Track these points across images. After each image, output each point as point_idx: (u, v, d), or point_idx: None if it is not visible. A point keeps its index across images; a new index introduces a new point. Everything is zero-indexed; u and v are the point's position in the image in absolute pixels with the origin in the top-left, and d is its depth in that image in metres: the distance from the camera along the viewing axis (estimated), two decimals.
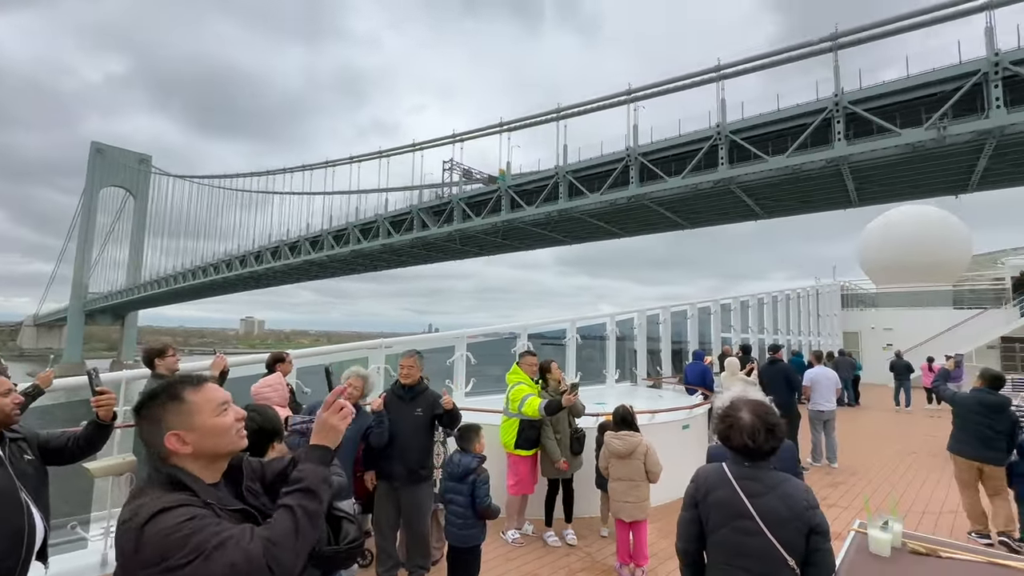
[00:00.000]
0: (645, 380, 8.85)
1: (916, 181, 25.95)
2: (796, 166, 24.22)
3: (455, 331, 7.06)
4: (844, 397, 13.01)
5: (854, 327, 20.94)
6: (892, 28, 23.01)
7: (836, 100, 23.02)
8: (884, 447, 8.61)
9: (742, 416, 1.69)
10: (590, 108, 34.36)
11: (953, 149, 21.40)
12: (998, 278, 19.88)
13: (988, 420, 4.60)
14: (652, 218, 35.26)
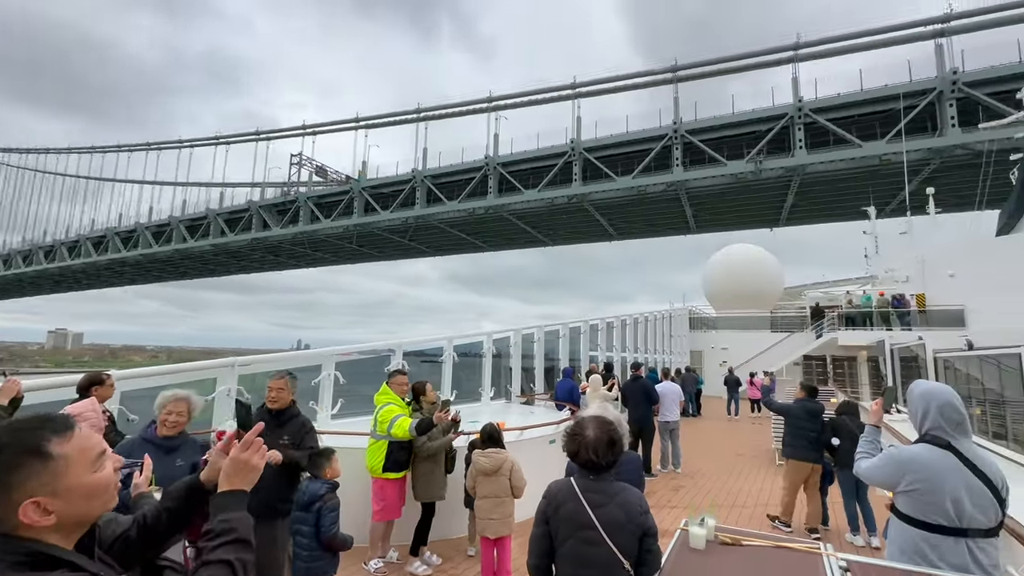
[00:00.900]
0: (519, 397, 9.13)
1: (740, 212, 30.28)
2: (641, 187, 26.27)
3: (323, 349, 6.63)
4: (688, 409, 14.76)
5: (699, 347, 23.98)
6: (722, 68, 26.47)
7: (675, 128, 25.64)
8: (719, 451, 9.93)
9: (587, 433, 1.84)
10: (451, 113, 33.15)
11: (768, 183, 25.17)
12: (801, 307, 24.34)
13: (812, 425, 5.56)
14: (512, 231, 34.78)
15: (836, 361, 20.54)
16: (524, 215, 31.20)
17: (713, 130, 25.90)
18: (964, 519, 2.05)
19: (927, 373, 8.15)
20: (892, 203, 26.62)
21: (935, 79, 22.27)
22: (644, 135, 26.82)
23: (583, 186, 27.63)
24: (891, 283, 18.98)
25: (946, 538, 2.07)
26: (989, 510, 2.06)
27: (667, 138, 26.09)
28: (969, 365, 6.53)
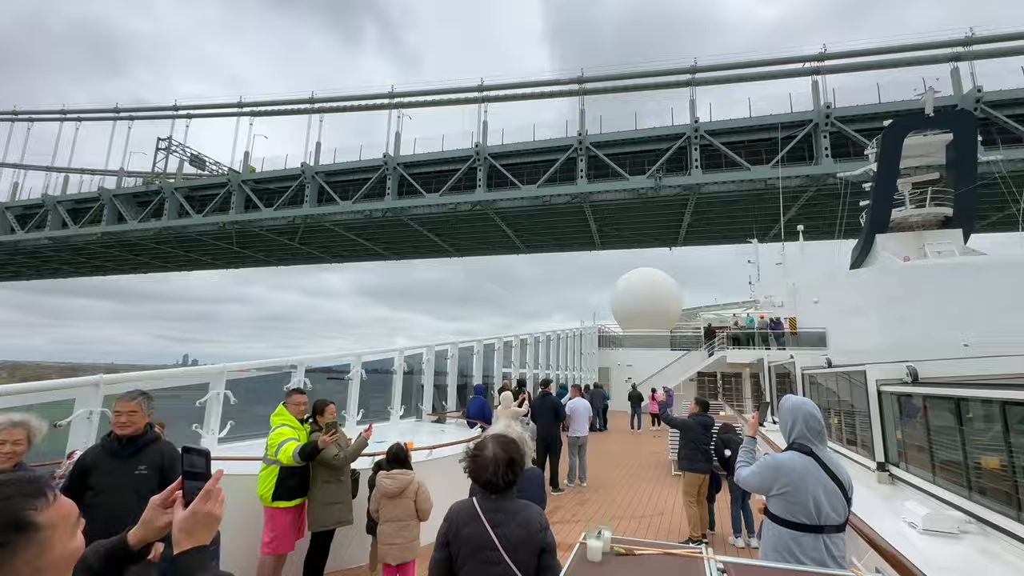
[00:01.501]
0: (430, 415, 8.93)
1: (642, 229, 31.70)
2: (546, 198, 26.32)
3: (213, 365, 6.01)
4: (596, 423, 15.35)
5: (607, 363, 25.15)
6: (627, 84, 27.29)
7: (580, 140, 26.08)
8: (622, 464, 10.40)
9: (487, 453, 1.84)
10: (349, 106, 30.51)
11: (667, 201, 26.30)
12: (697, 328, 26.53)
13: (706, 437, 5.98)
14: (415, 238, 33.08)
15: (725, 377, 22.55)
16: (426, 221, 29.79)
17: (617, 144, 26.49)
18: (822, 517, 2.32)
19: (797, 388, 9.19)
20: (775, 228, 28.92)
21: (811, 112, 24.68)
22: (550, 144, 26.77)
23: (487, 193, 26.90)
24: (770, 307, 21.39)
25: (807, 535, 2.33)
26: (840, 508, 2.36)
27: (572, 149, 26.27)
28: (828, 380, 7.47)
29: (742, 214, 28.47)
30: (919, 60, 24.59)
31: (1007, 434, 2.95)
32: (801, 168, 24.30)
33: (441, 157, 28.23)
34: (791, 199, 26.09)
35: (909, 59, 24.76)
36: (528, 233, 32.68)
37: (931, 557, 2.70)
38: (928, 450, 4.10)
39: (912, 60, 24.71)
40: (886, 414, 4.98)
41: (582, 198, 26.39)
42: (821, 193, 25.10)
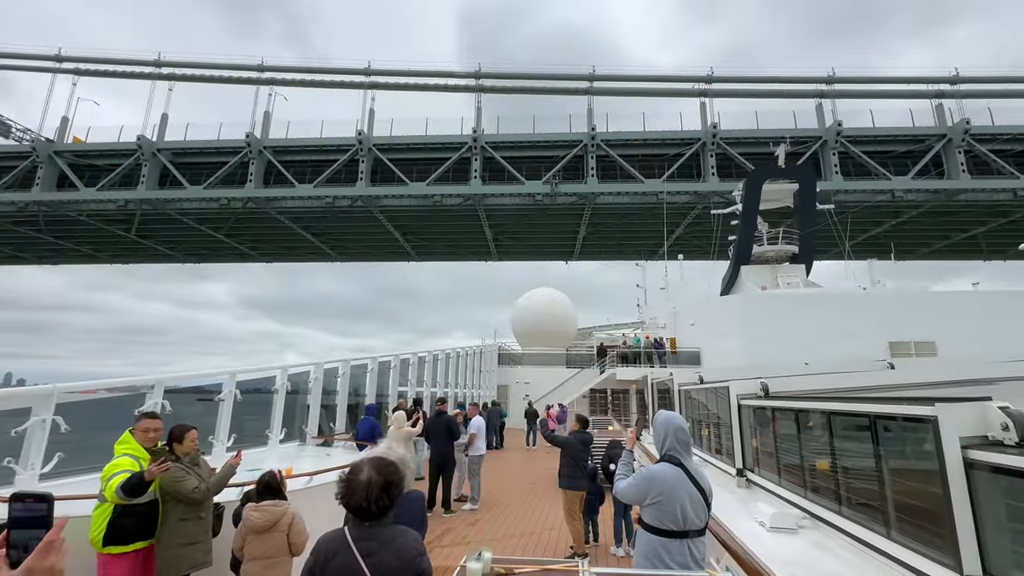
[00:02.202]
0: (315, 438, 8.28)
1: (538, 240, 31.80)
2: (436, 198, 24.50)
3: (40, 386, 5.02)
4: (493, 441, 15.36)
5: (505, 381, 25.43)
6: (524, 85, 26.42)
7: (475, 138, 24.59)
8: (516, 481, 10.47)
9: (361, 477, 1.72)
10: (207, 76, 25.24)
11: (563, 209, 26.10)
12: (591, 346, 27.94)
13: (586, 454, 6.18)
14: (288, 238, 29.63)
15: (615, 393, 23.93)
16: (299, 216, 26.11)
17: (514, 147, 25.33)
18: (687, 523, 2.50)
19: (675, 403, 9.99)
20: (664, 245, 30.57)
21: (700, 131, 25.54)
22: (443, 140, 25.04)
23: (370, 188, 24.26)
24: (654, 329, 23.26)
25: (674, 540, 2.49)
26: (702, 514, 2.56)
27: (467, 148, 24.58)
28: (701, 395, 8.23)
29: (636, 230, 29.24)
30: (790, 93, 26.60)
31: (832, 440, 3.44)
32: (689, 184, 25.26)
33: (318, 144, 24.75)
34: (680, 215, 27.33)
35: (783, 91, 26.76)
36: (419, 238, 30.64)
37: (775, 552, 3.04)
38: (776, 456, 4.66)
39: (785, 92, 26.68)
40: (744, 425, 5.59)
41: (476, 200, 24.84)
42: (707, 212, 25.92)
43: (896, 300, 19.85)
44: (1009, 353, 9.59)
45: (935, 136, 24.83)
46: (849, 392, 4.98)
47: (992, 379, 5.15)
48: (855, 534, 2.99)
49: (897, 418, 2.74)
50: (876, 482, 2.89)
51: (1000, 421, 2.15)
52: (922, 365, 12.30)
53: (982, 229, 28.26)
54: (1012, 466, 2.07)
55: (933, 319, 18.50)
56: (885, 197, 24.60)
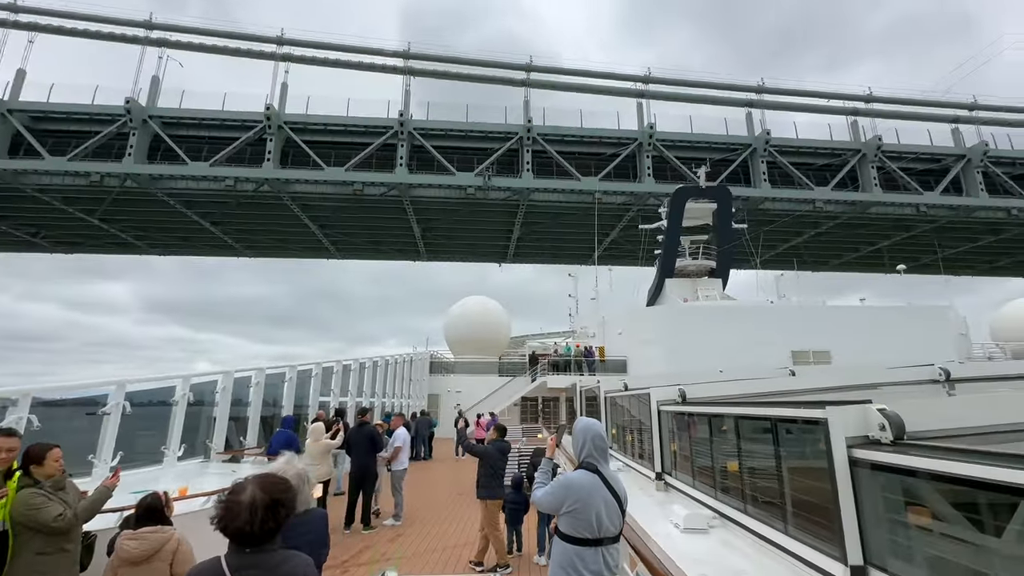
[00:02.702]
0: (221, 454, 7.59)
1: (470, 240, 30.74)
2: (357, 186, 22.23)
3: None
4: (421, 452, 14.96)
5: (437, 390, 24.96)
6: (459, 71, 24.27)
7: (402, 122, 22.45)
8: (443, 492, 10.21)
9: (242, 498, 1.53)
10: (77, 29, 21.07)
11: (496, 206, 25.00)
12: (523, 355, 28.17)
13: (504, 463, 6.11)
14: (179, 224, 26.00)
15: (545, 401, 24.24)
16: (194, 200, 23.08)
17: (444, 136, 23.71)
18: (602, 530, 2.50)
19: (601, 410, 10.23)
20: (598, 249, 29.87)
21: (637, 131, 25.01)
22: (365, 122, 22.68)
23: (280, 170, 21.45)
24: (585, 337, 23.89)
25: (588, 548, 2.48)
26: (617, 521, 2.57)
27: (392, 133, 22.45)
28: (625, 402, 8.49)
29: (571, 231, 28.71)
30: (723, 100, 26.59)
31: (740, 442, 3.62)
32: (626, 184, 24.77)
33: (219, 118, 21.79)
34: (615, 217, 27.08)
35: (716, 97, 26.60)
36: (338, 231, 27.96)
37: (687, 552, 3.13)
38: (691, 459, 4.86)
39: (718, 99, 26.61)
40: (664, 430, 5.80)
41: (401, 191, 22.79)
42: (643, 215, 26.20)
43: (797, 313, 21.82)
44: (889, 360, 10.72)
45: (851, 151, 26.13)
46: (756, 397, 5.32)
47: (874, 384, 5.71)
48: (758, 531, 3.14)
49: (795, 421, 2.92)
50: (777, 481, 3.07)
51: (878, 422, 2.34)
52: (819, 372, 13.52)
53: (887, 242, 30.87)
54: (887, 463, 2.26)
55: (828, 330, 20.52)
56: (807, 208, 25.80)
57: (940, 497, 2.14)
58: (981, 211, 26.39)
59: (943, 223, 27.36)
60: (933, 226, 27.72)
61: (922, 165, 26.86)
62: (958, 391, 4.66)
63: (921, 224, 27.89)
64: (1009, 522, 1.85)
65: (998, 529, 1.92)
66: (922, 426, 2.34)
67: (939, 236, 28.88)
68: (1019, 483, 1.68)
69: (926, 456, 2.09)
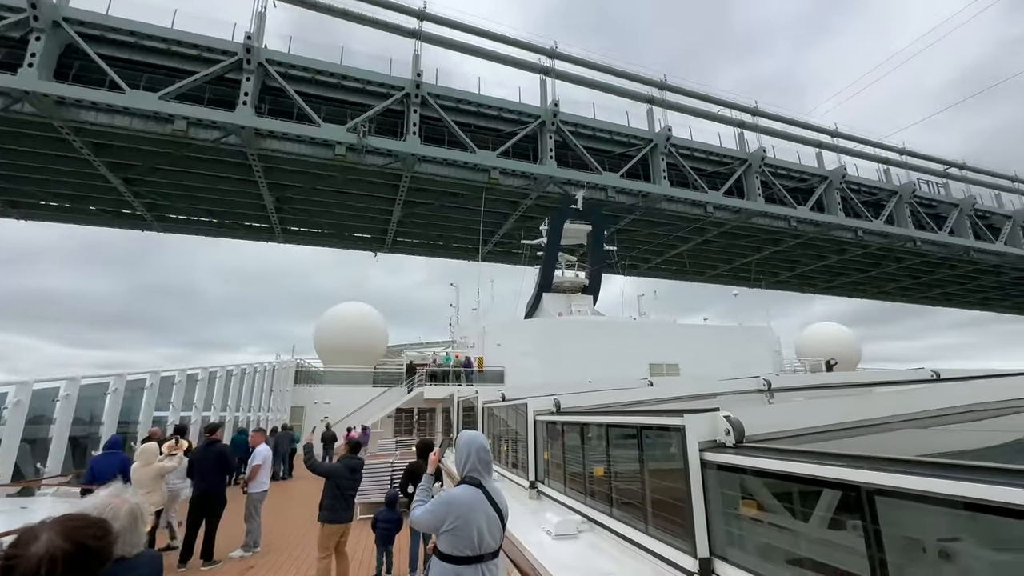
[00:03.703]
0: (6, 486, 6.07)
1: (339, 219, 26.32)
2: (178, 124, 16.71)
3: None
4: (280, 471, 13.61)
5: (302, 401, 22.99)
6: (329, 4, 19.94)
7: (249, 48, 17.58)
8: (305, 516, 9.35)
9: (31, 551, 1.18)
10: None
11: (374, 174, 20.92)
12: (400, 364, 27.30)
13: (353, 483, 5.65)
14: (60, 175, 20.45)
15: (422, 413, 23.71)
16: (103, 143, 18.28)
17: (310, 79, 19.33)
18: (482, 546, 2.47)
19: (478, 420, 10.28)
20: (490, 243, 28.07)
21: (540, 108, 23.02)
22: (195, 40, 17.63)
23: (57, 84, 15.74)
24: (465, 348, 23.96)
25: (469, 566, 2.43)
26: (498, 535, 2.56)
27: (236, 61, 17.52)
28: (503, 412, 8.63)
29: (461, 219, 26.48)
30: (627, 92, 25.21)
31: (608, 449, 3.88)
32: (526, 165, 22.36)
33: None
34: (511, 204, 25.33)
35: (620, 88, 25.15)
36: (151, 189, 21.76)
37: (557, 558, 3.24)
38: (563, 467, 5.08)
39: (622, 90, 25.16)
40: (538, 438, 5.99)
41: (245, 139, 17.39)
42: (540, 205, 24.74)
43: (654, 329, 24.44)
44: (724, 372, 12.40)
45: (739, 160, 26.65)
46: (622, 406, 5.78)
47: (713, 393, 6.55)
48: (623, 533, 3.37)
49: (657, 428, 3.20)
50: (639, 484, 3.33)
51: (724, 427, 2.67)
52: (671, 382, 15.23)
53: (757, 255, 32.48)
54: (730, 463, 2.58)
55: (678, 345, 23.25)
56: (699, 212, 26.00)
57: (768, 491, 2.50)
58: (838, 230, 28.94)
59: (806, 239, 30.08)
60: (798, 241, 30.41)
61: (793, 183, 28.79)
62: (776, 399, 5.56)
63: (788, 239, 30.41)
64: (814, 510, 2.23)
65: (806, 516, 2.30)
66: (756, 430, 2.73)
67: (802, 252, 32.58)
68: (825, 476, 2.02)
69: (760, 456, 2.43)
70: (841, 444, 2.76)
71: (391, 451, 14.22)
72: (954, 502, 1.54)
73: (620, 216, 26.38)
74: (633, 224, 27.94)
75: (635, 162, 24.55)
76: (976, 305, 46.89)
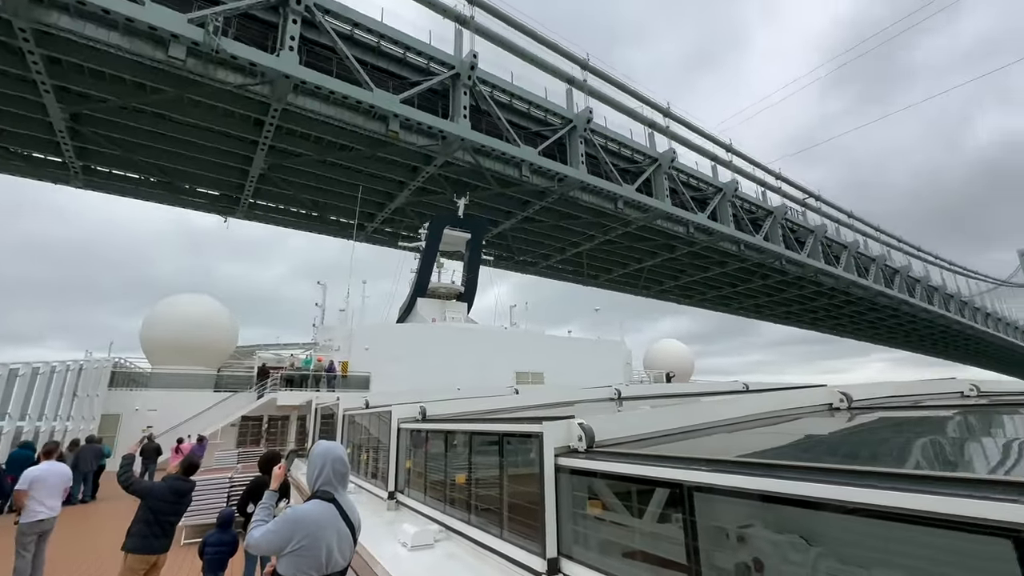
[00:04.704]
0: None
1: (174, 160, 20.21)
2: None
3: None
4: (79, 494, 11.33)
5: (118, 409, 19.37)
6: None
7: None
8: (110, 548, 7.84)
9: None
10: None
11: (226, 96, 16.21)
12: (250, 367, 24.56)
13: (176, 508, 4.85)
14: None
15: (273, 421, 21.57)
16: None
17: None
18: (330, 566, 2.30)
19: (338, 428, 9.69)
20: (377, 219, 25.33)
21: (455, 58, 19.59)
22: None
23: None
24: (329, 351, 22.41)
25: None
26: (348, 552, 2.42)
27: None
28: (365, 420, 8.24)
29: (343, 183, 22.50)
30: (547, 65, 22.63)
31: (470, 456, 3.93)
32: (434, 119, 18.14)
33: None
34: (409, 170, 21.74)
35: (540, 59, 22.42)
36: None
37: (411, 569, 3.18)
38: (425, 476, 5.01)
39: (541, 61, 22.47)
40: (401, 447, 5.84)
41: None
42: (444, 176, 22.02)
43: (522, 339, 25.47)
44: (584, 381, 13.36)
45: (650, 159, 26.10)
46: (487, 414, 5.90)
47: (572, 401, 7.03)
48: (479, 540, 3.43)
49: (518, 435, 3.33)
50: (498, 490, 3.42)
51: (577, 434, 2.88)
52: (535, 391, 16.00)
53: (651, 262, 33.20)
54: (580, 467, 2.78)
55: (543, 355, 24.53)
56: (611, 206, 24.80)
57: (611, 492, 2.75)
58: (726, 241, 29.60)
59: (699, 247, 31.04)
60: (690, 249, 31.28)
61: (691, 192, 29.21)
62: (624, 407, 6.15)
63: (683, 246, 30.43)
64: (648, 506, 2.51)
65: (642, 512, 2.58)
66: (605, 435, 2.98)
67: (690, 261, 34.14)
68: (656, 477, 2.29)
69: (605, 460, 2.66)
70: (673, 447, 3.15)
71: (232, 464, 12.67)
72: (750, 495, 1.85)
73: (499, 221, 26.82)
74: (542, 213, 26.47)
75: (552, 142, 22.13)
76: (807, 324, 54.13)
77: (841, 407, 3.99)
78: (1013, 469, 1.84)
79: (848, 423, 3.44)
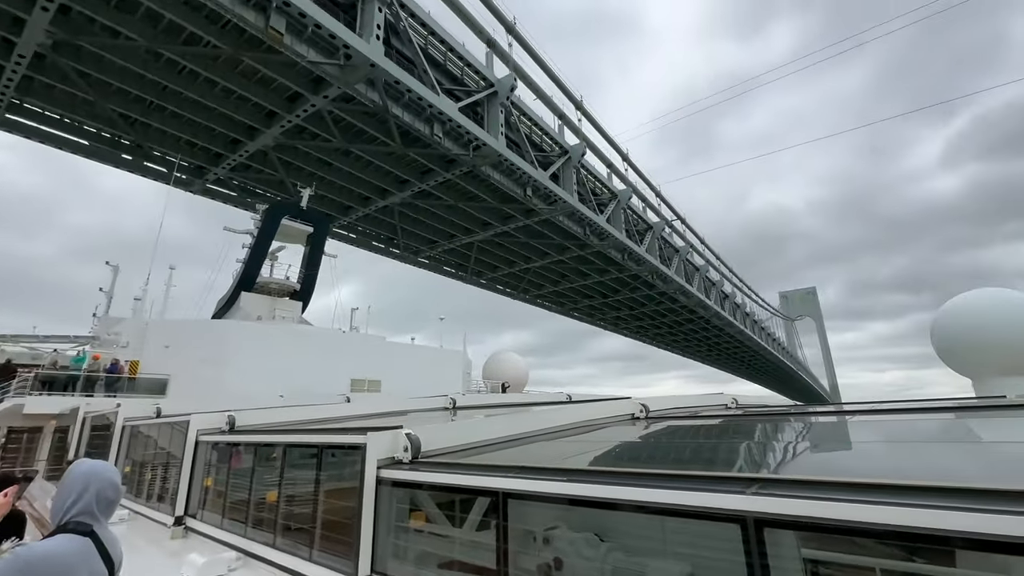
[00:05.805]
0: None
1: None
2: None
3: None
4: None
5: None
6: None
7: None
8: None
9: None
10: None
11: None
12: None
13: None
14: None
15: (16, 433, 16.78)
16: None
17: None
18: None
19: (113, 441, 7.98)
20: (225, 162, 19.41)
21: None
22: None
23: None
24: (112, 347, 18.33)
25: None
26: None
27: None
28: (153, 431, 6.91)
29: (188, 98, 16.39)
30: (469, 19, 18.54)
31: (283, 471, 3.56)
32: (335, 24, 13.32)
33: None
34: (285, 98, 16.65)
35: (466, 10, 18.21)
36: None
37: None
38: (226, 495, 4.38)
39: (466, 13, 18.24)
40: (198, 463, 5.03)
41: None
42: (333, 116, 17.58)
43: (362, 344, 24.19)
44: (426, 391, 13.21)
45: (561, 150, 24.76)
46: (311, 424, 5.42)
47: (406, 411, 6.88)
48: (284, 564, 3.10)
49: (340, 447, 3.12)
50: (312, 508, 3.15)
51: (404, 444, 2.81)
52: (371, 399, 15.28)
53: (538, 263, 32.30)
54: (403, 479, 2.71)
55: (383, 362, 23.62)
56: (519, 192, 23.18)
57: (434, 503, 2.73)
58: (615, 249, 30.20)
59: (589, 252, 30.43)
60: (580, 253, 30.55)
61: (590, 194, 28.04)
62: (459, 416, 6.23)
63: (575, 248, 29.88)
64: (469, 515, 2.55)
65: (463, 521, 2.61)
66: (434, 445, 2.96)
67: (576, 266, 33.53)
68: (476, 485, 2.34)
69: (428, 471, 2.64)
70: (497, 456, 3.26)
71: None
72: (557, 499, 2.01)
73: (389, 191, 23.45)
74: (442, 189, 23.51)
75: (469, 104, 18.76)
76: (649, 338, 59.11)
77: (641, 416, 4.61)
78: (744, 467, 2.32)
79: (645, 431, 3.98)
